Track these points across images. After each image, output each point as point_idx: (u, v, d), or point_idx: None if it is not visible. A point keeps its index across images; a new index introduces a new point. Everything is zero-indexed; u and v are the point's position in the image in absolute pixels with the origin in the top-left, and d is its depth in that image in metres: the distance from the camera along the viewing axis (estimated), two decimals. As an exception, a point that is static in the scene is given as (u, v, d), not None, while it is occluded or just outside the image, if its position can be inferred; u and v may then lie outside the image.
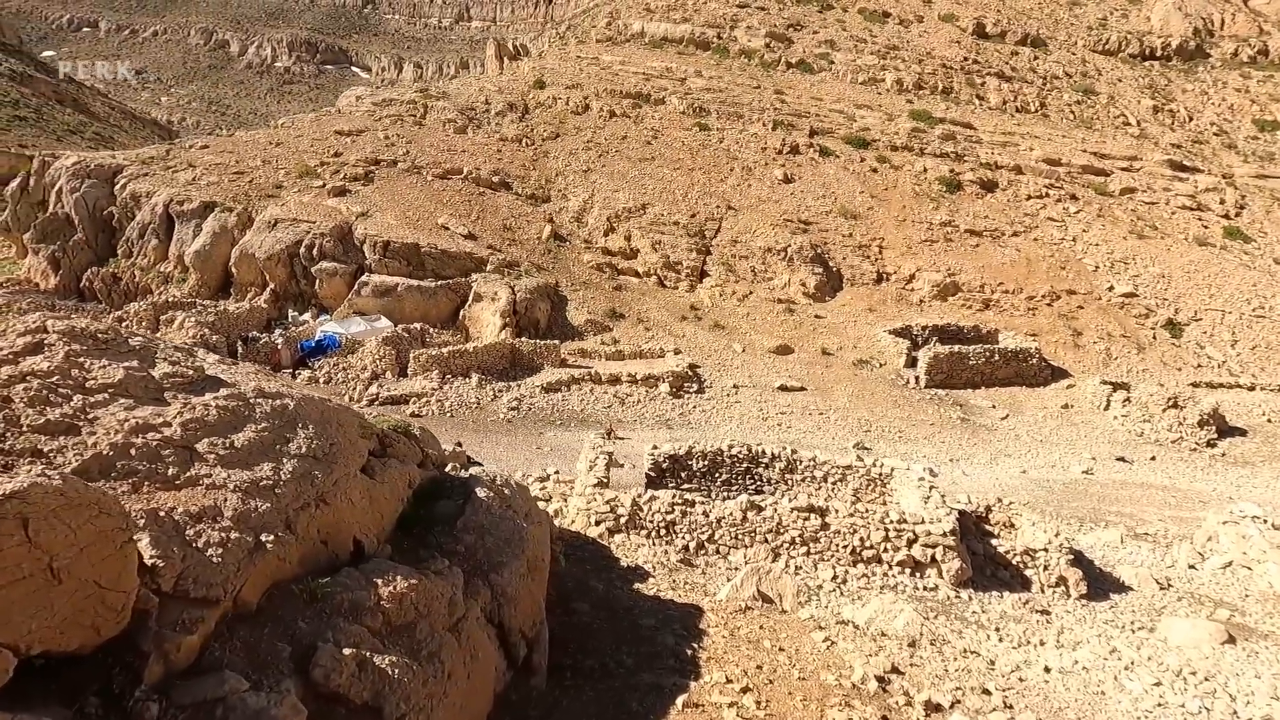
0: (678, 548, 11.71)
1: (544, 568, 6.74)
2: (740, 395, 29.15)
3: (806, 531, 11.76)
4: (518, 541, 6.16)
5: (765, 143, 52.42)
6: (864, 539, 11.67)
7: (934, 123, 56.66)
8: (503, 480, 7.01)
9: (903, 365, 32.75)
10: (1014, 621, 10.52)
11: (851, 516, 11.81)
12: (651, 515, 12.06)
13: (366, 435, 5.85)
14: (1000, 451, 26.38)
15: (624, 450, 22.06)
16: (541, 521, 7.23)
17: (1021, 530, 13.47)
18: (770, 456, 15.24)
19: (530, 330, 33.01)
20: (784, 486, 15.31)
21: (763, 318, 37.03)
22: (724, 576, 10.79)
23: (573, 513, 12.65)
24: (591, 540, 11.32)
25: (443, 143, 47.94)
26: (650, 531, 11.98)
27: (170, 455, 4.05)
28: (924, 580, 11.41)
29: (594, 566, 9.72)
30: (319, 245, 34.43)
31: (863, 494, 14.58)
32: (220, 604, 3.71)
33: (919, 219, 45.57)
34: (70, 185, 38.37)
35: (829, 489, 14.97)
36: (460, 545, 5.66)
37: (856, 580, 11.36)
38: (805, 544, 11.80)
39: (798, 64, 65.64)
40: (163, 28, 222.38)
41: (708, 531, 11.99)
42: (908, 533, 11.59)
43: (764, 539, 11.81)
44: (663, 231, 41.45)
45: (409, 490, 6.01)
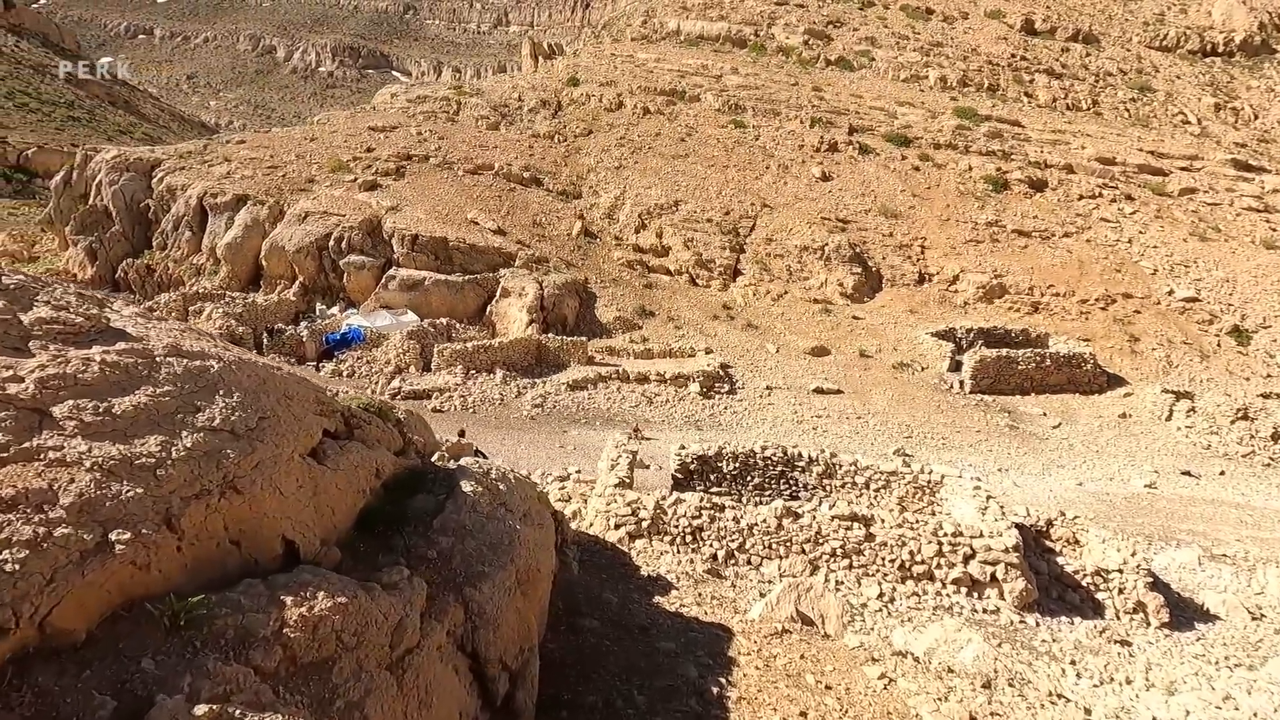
0: (704, 556, 10.63)
1: (542, 580, 5.76)
2: (774, 397, 27.91)
3: (849, 542, 10.57)
4: (507, 547, 5.16)
5: (803, 140, 51.02)
6: (914, 552, 10.42)
7: (979, 120, 54.62)
8: (499, 473, 6.02)
9: (946, 369, 31.14)
10: (1091, 654, 9.19)
11: (900, 527, 10.56)
12: (676, 520, 11.01)
13: (326, 412, 4.91)
14: (1052, 462, 24.71)
15: (650, 451, 21.06)
16: (543, 524, 6.23)
17: (1089, 548, 12.07)
18: (807, 460, 14.06)
19: (558, 327, 32.22)
20: (821, 492, 14.13)
21: (798, 318, 35.69)
22: (756, 591, 9.67)
23: (591, 515, 11.67)
24: (610, 545, 10.32)
25: (475, 139, 47.60)
26: (675, 538, 10.93)
27: (7, 420, 3.17)
28: (983, 601, 10.12)
29: (610, 575, 8.71)
30: (348, 238, 34.16)
31: (909, 502, 13.33)
32: (7, 633, 2.63)
33: (963, 218, 43.73)
34: (109, 178, 38.83)
35: (871, 496, 13.74)
36: (433, 550, 4.67)
37: (905, 599, 10.12)
38: (847, 556, 10.60)
39: (837, 61, 64.08)
40: (213, 34, 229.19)
41: (738, 539, 10.89)
42: (964, 547, 10.31)
43: (801, 549, 10.65)
44: (695, 229, 40.38)
45: (376, 481, 5.06)
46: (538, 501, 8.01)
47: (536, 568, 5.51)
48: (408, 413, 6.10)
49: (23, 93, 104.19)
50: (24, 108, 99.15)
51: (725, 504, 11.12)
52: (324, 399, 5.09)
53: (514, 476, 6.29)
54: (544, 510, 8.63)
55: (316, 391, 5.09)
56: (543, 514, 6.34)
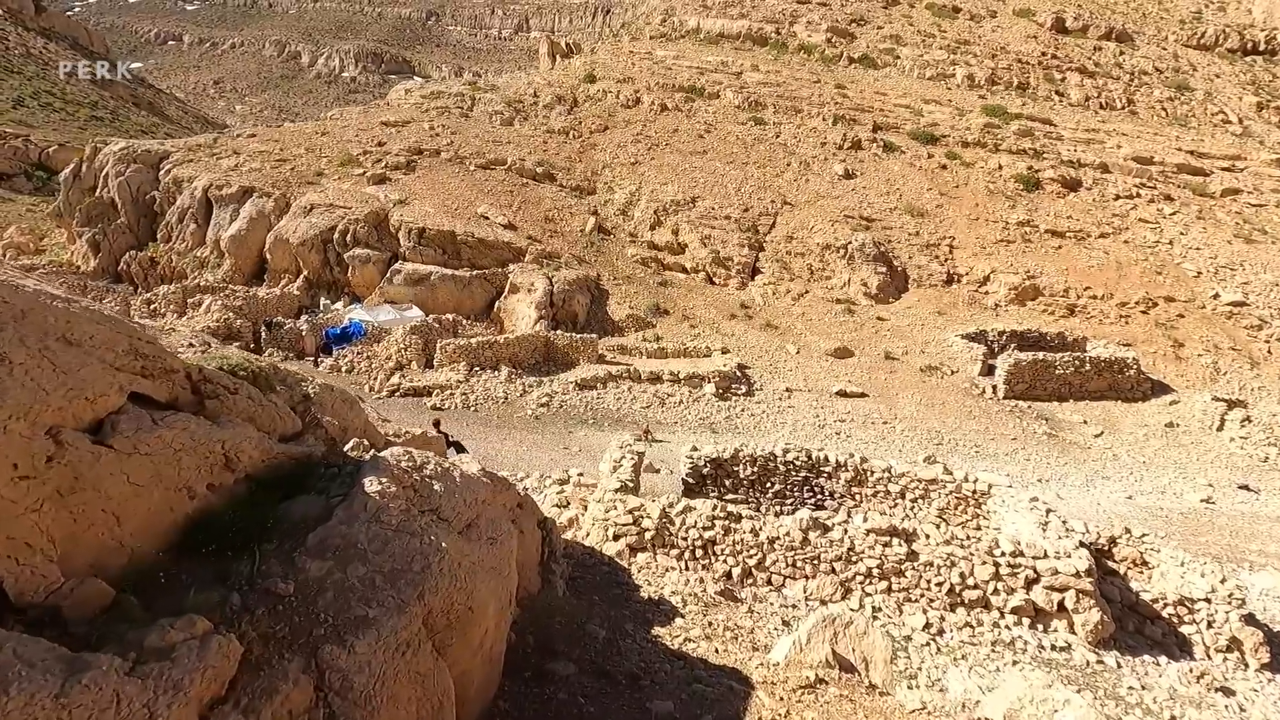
0: (717, 574, 9.12)
1: (482, 621, 4.26)
2: (794, 400, 26.32)
3: (887, 561, 9.01)
4: (415, 576, 3.63)
5: (825, 138, 49.43)
6: (965, 575, 8.82)
7: (1009, 119, 52.71)
8: (437, 469, 4.55)
9: (978, 373, 29.36)
10: (1193, 706, 7.55)
11: (949, 544, 8.99)
12: (685, 531, 9.52)
13: (147, 371, 3.39)
14: (1096, 473, 22.89)
15: (661, 454, 19.61)
16: (499, 539, 4.76)
17: (1164, 571, 10.40)
18: (834, 465, 12.52)
19: (567, 324, 30.88)
20: (850, 501, 12.59)
21: (819, 318, 34.06)
22: (778, 618, 8.17)
23: (588, 523, 10.22)
24: (607, 560, 8.88)
25: (488, 134, 46.55)
26: (683, 551, 9.43)
27: None
28: (1049, 635, 8.50)
29: (603, 597, 7.28)
30: (353, 231, 33.10)
31: (950, 514, 11.77)
32: None
33: (993, 218, 41.88)
34: (116, 170, 38.19)
35: (906, 507, 12.19)
36: (289, 583, 3.24)
37: (957, 631, 8.51)
38: (886, 578, 9.03)
39: (860, 59, 62.45)
40: (240, 40, 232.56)
41: (756, 555, 9.36)
42: (1025, 569, 8.70)
43: (830, 568, 9.12)
44: (713, 226, 38.91)
45: (228, 474, 3.68)
46: (514, 509, 6.59)
47: (469, 605, 4.00)
48: (324, 388, 4.70)
49: (48, 93, 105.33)
50: (48, 107, 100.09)
51: (742, 513, 9.58)
52: (145, 349, 3.59)
53: (466, 474, 4.87)
54: (527, 518, 7.19)
55: (130, 336, 3.57)
56: (506, 528, 4.93)
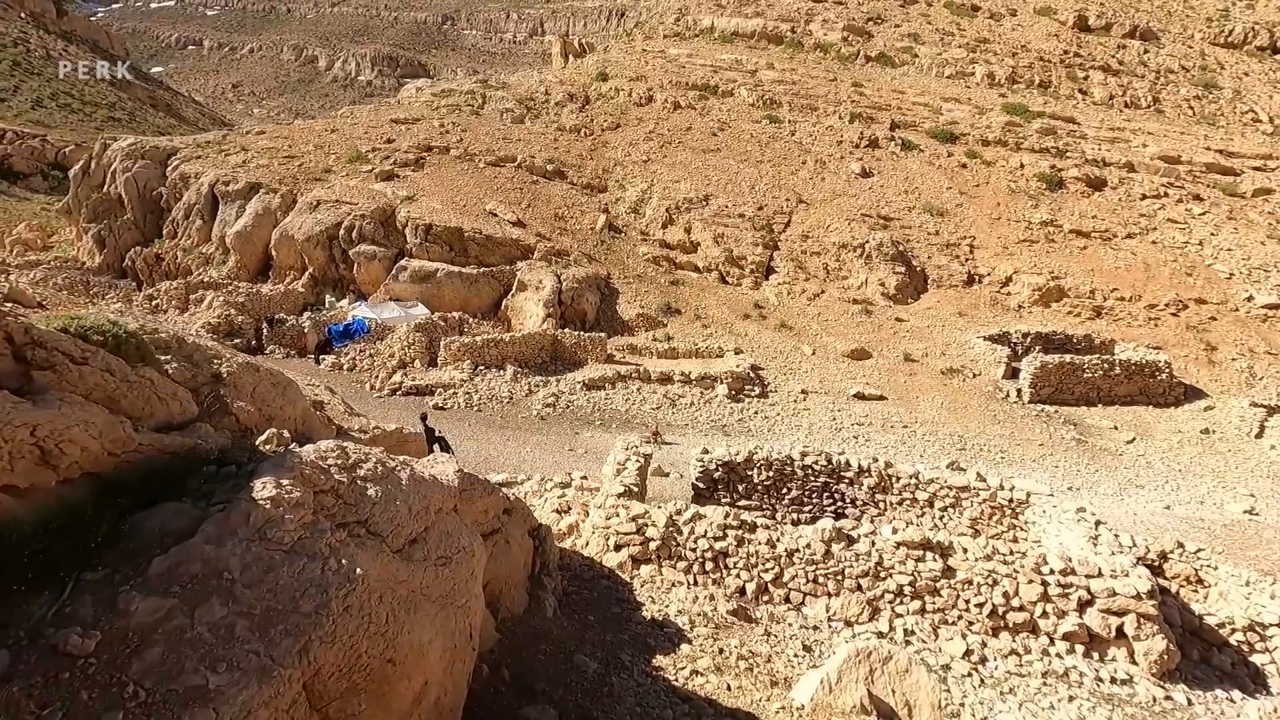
0: (729, 590, 8.21)
1: (407, 677, 3.32)
2: (809, 402, 25.34)
3: (920, 578, 8.05)
4: (299, 621, 2.69)
5: (841, 136, 48.42)
6: (1009, 595, 7.84)
7: (1031, 117, 51.46)
8: (377, 469, 3.55)
9: (1001, 376, 28.24)
10: (1283, 754, 6.67)
11: (989, 560, 8.02)
12: (694, 541, 8.62)
13: None
14: (1129, 481, 21.74)
15: (670, 457, 18.72)
16: (454, 558, 3.82)
17: (1222, 591, 9.39)
18: (857, 470, 11.57)
19: (576, 323, 30.07)
20: (873, 510, 11.64)
21: (836, 318, 33.04)
22: (799, 643, 7.25)
23: (588, 531, 9.34)
24: (608, 572, 8.00)
25: (498, 131, 45.92)
26: (691, 564, 8.52)
27: None
28: (1107, 666, 7.51)
29: (600, 617, 6.41)
30: (359, 228, 32.49)
31: (984, 525, 10.79)
32: None
33: (1016, 217, 40.69)
34: (123, 166, 37.87)
35: (935, 516, 11.23)
36: (89, 636, 2.26)
37: (1001, 659, 7.52)
38: (919, 596, 8.08)
39: (877, 58, 61.40)
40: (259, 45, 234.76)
41: (773, 569, 8.44)
42: (1078, 590, 7.71)
43: (856, 584, 8.18)
44: (726, 224, 38.00)
45: (48, 473, 2.82)
46: (497, 517, 5.73)
47: (389, 656, 3.06)
48: (246, 367, 3.81)
49: (66, 93, 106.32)
50: (66, 108, 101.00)
51: (757, 522, 8.65)
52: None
53: (419, 476, 3.96)
54: (515, 526, 6.33)
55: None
56: (467, 541, 4.04)
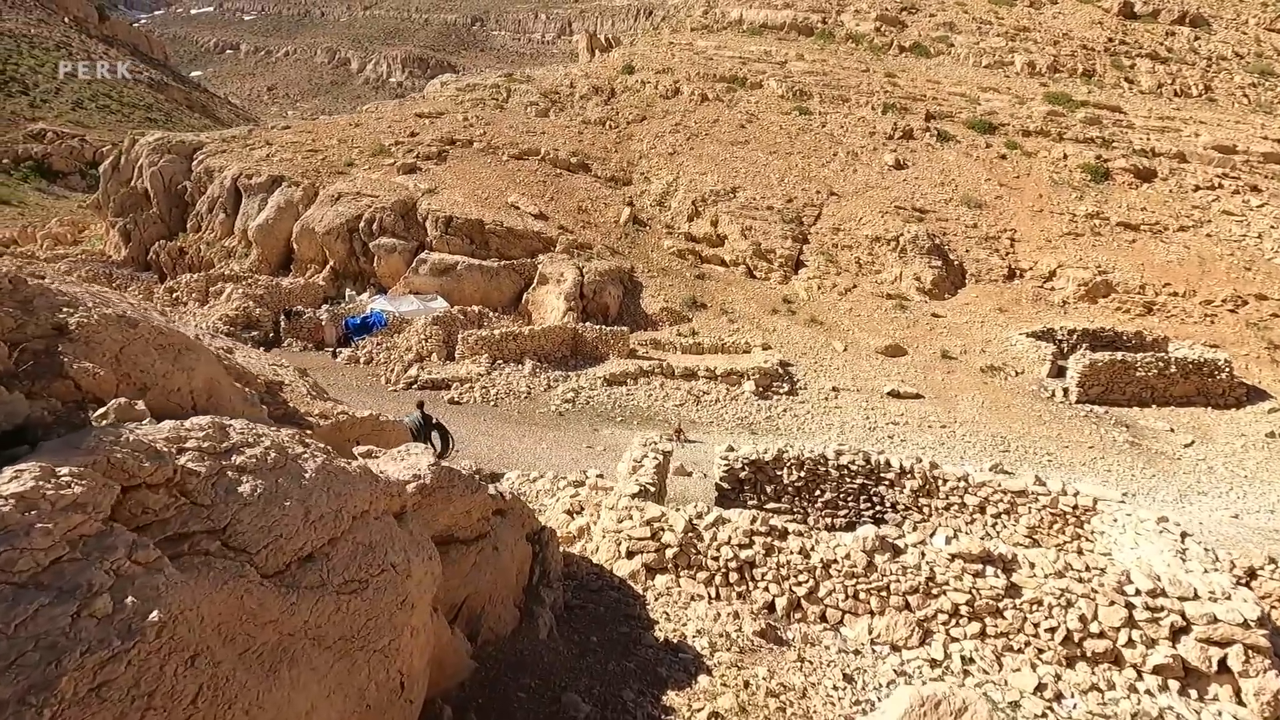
0: (756, 606, 7.18)
1: None
2: (841, 400, 24.12)
3: (980, 596, 6.94)
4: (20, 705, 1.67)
5: (874, 127, 46.89)
6: (1087, 619, 6.70)
7: (1075, 106, 49.33)
8: (260, 455, 2.66)
9: (1046, 374, 26.70)
10: None
11: (1062, 577, 6.88)
12: (717, 548, 7.64)
13: None
14: (1190, 488, 20.17)
15: (694, 455, 17.71)
16: (373, 583, 2.59)
17: (1328, 614, 8.17)
18: (898, 471, 10.45)
19: (598, 317, 29.20)
20: (915, 515, 10.52)
21: (869, 314, 31.69)
22: (836, 669, 6.21)
23: (598, 535, 8.38)
24: (618, 583, 7.04)
25: (522, 124, 45.29)
26: (713, 574, 7.52)
27: None
28: (1209, 707, 6.32)
29: (604, 638, 5.46)
30: (379, 220, 32.01)
31: (1043, 535, 9.62)
32: None
33: (1059, 209, 38.84)
34: (149, 160, 37.97)
35: (986, 523, 10.07)
36: None
37: (1081, 695, 6.38)
38: (978, 618, 6.96)
39: (911, 48, 59.64)
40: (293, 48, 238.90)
41: (807, 582, 7.39)
42: (1170, 614, 6.53)
43: (903, 602, 7.11)
44: (754, 217, 36.82)
45: None
46: (484, 519, 4.81)
47: None
48: (110, 320, 2.91)
49: (105, 95, 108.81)
50: (105, 109, 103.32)
51: (789, 528, 7.60)
52: None
53: (332, 467, 2.94)
54: (508, 530, 5.40)
55: None
56: (400, 557, 3.15)
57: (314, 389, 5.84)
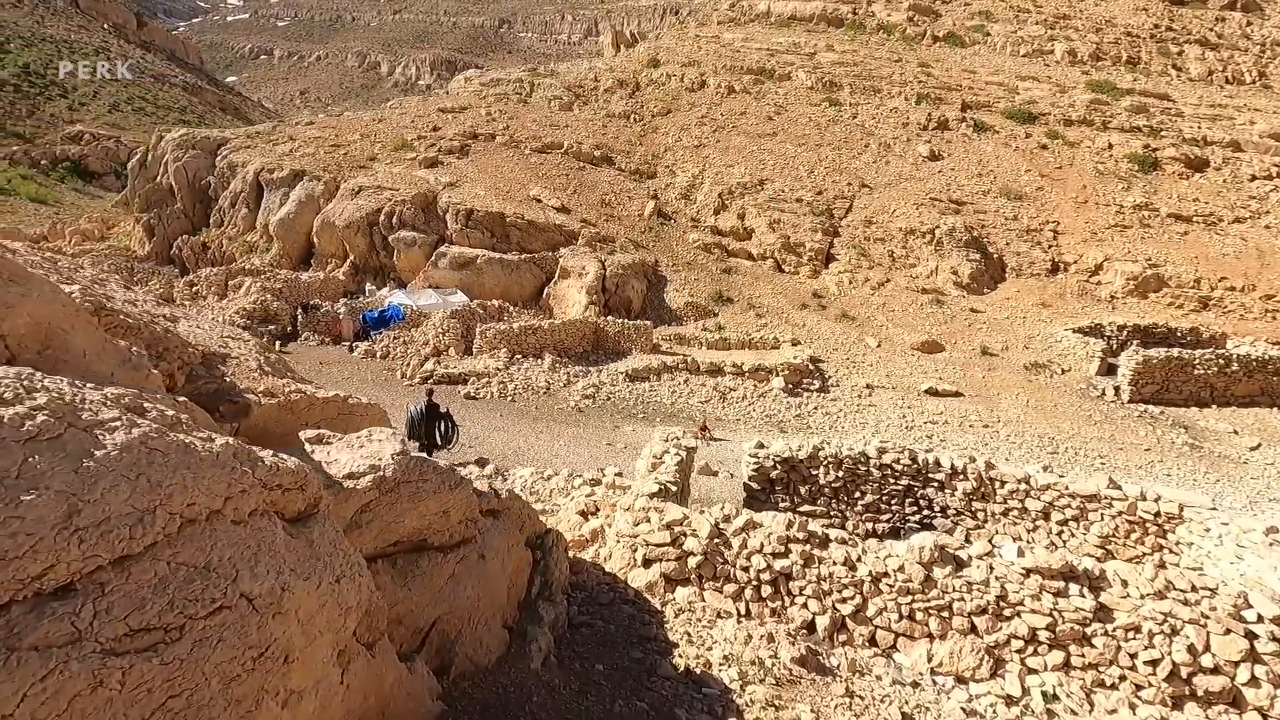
0: (794, 624, 6.15)
1: None
2: (875, 397, 22.90)
3: (1062, 620, 5.83)
4: None
5: (907, 118, 45.35)
6: (1196, 650, 5.60)
7: (1119, 94, 47.27)
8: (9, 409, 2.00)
9: (1095, 372, 25.16)
10: None
11: (1163, 598, 5.76)
12: (748, 557, 6.62)
13: None
14: (1260, 494, 18.61)
15: (719, 454, 16.70)
16: (190, 633, 1.72)
17: None
18: (949, 471, 9.32)
19: (621, 311, 28.29)
20: (969, 520, 9.41)
21: (903, 309, 30.34)
22: (893, 707, 5.19)
23: (611, 539, 7.42)
24: (632, 595, 6.07)
25: (546, 118, 44.60)
26: (743, 587, 6.51)
27: None
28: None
29: (610, 667, 4.54)
30: (399, 213, 31.47)
31: (1118, 545, 8.45)
32: None
33: (1105, 201, 37.01)
34: (174, 156, 37.99)
35: (1051, 532, 8.92)
36: None
37: (1195, 746, 5.31)
38: (1060, 645, 5.86)
39: (946, 37, 57.88)
40: (325, 53, 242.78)
41: (853, 598, 6.36)
42: (1304, 645, 5.46)
43: (969, 624, 6.02)
44: (783, 209, 35.62)
45: None
46: (467, 522, 3.91)
47: None
48: None
49: (141, 98, 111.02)
50: (140, 111, 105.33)
51: (830, 534, 6.58)
52: None
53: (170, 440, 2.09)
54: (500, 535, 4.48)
55: None
56: (277, 575, 2.30)
57: (275, 366, 5.01)
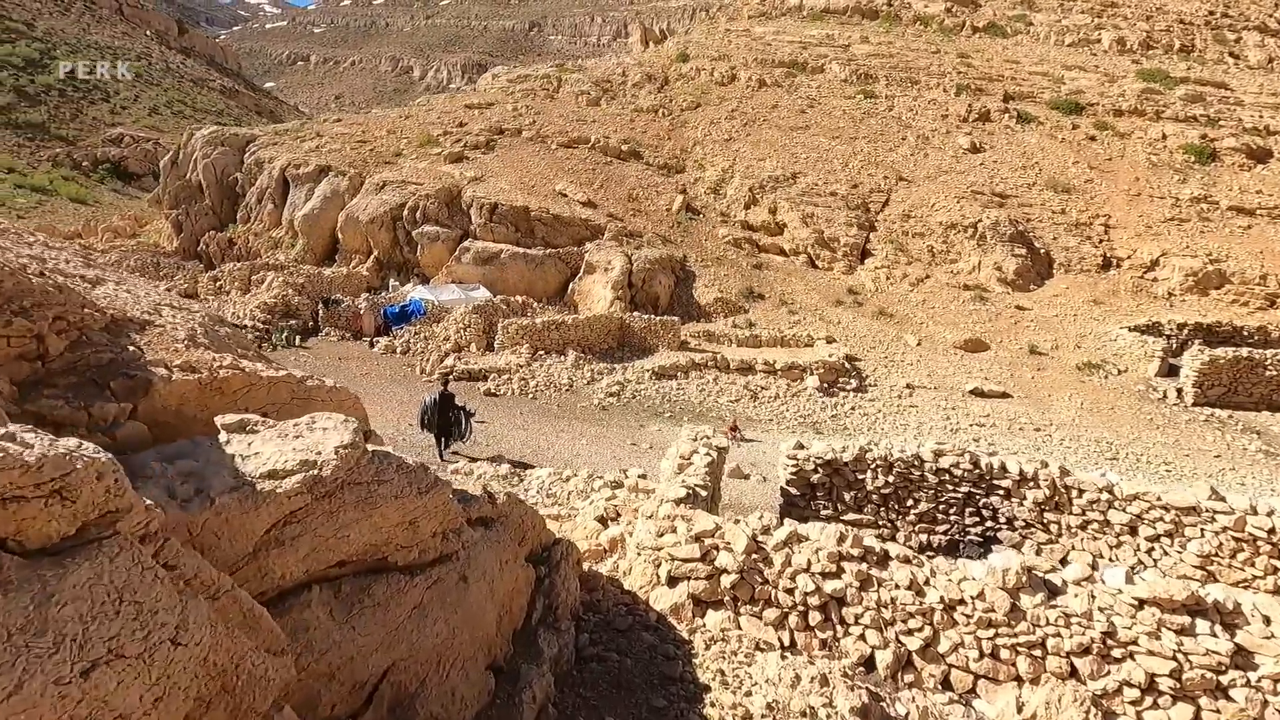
0: (850, 662, 5.10)
1: None
2: (916, 398, 21.60)
3: (1189, 665, 4.73)
4: None
5: (946, 109, 43.67)
6: (1372, 709, 4.47)
7: (1173, 83, 44.99)
8: None
9: (1154, 373, 23.51)
10: None
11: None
12: (791, 577, 5.49)
13: None
14: (1348, 506, 16.86)
15: (750, 455, 15.64)
16: None
17: None
18: (1018, 476, 8.15)
19: (648, 307, 27.35)
20: (1040, 533, 8.25)
21: (944, 306, 28.89)
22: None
23: (632, 552, 6.44)
24: (655, 619, 5.08)
25: (573, 113, 43.87)
26: (786, 613, 5.45)
27: None
28: None
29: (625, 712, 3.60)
30: (423, 208, 30.93)
31: (1221, 567, 7.24)
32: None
33: (1159, 193, 35.05)
34: (203, 152, 38.05)
35: (1139, 549, 7.73)
36: None
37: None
38: (1189, 698, 4.72)
39: (986, 28, 55.91)
40: (359, 58, 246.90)
41: (922, 630, 5.27)
42: None
43: (1067, 665, 4.91)
44: (816, 203, 34.33)
45: None
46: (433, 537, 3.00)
47: None
48: None
49: (180, 102, 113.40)
50: (179, 114, 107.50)
51: (890, 551, 5.54)
52: None
53: None
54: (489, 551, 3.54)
55: None
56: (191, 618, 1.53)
57: (221, 340, 4.18)
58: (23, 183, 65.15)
